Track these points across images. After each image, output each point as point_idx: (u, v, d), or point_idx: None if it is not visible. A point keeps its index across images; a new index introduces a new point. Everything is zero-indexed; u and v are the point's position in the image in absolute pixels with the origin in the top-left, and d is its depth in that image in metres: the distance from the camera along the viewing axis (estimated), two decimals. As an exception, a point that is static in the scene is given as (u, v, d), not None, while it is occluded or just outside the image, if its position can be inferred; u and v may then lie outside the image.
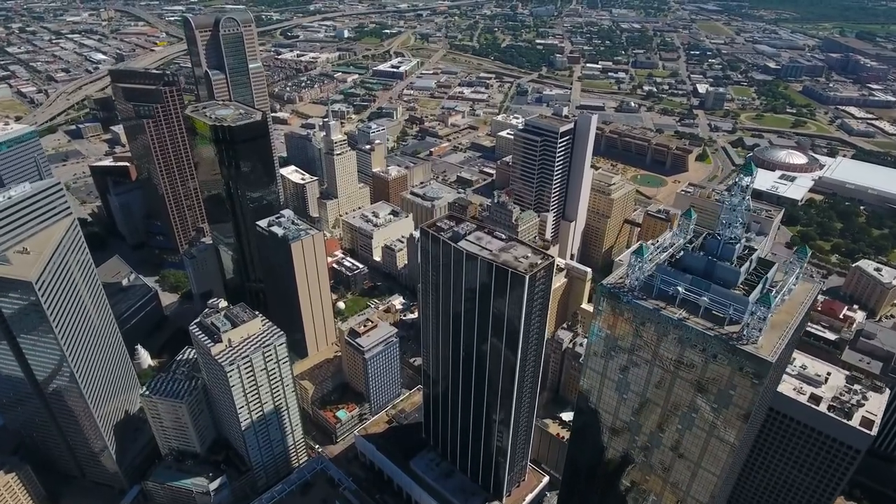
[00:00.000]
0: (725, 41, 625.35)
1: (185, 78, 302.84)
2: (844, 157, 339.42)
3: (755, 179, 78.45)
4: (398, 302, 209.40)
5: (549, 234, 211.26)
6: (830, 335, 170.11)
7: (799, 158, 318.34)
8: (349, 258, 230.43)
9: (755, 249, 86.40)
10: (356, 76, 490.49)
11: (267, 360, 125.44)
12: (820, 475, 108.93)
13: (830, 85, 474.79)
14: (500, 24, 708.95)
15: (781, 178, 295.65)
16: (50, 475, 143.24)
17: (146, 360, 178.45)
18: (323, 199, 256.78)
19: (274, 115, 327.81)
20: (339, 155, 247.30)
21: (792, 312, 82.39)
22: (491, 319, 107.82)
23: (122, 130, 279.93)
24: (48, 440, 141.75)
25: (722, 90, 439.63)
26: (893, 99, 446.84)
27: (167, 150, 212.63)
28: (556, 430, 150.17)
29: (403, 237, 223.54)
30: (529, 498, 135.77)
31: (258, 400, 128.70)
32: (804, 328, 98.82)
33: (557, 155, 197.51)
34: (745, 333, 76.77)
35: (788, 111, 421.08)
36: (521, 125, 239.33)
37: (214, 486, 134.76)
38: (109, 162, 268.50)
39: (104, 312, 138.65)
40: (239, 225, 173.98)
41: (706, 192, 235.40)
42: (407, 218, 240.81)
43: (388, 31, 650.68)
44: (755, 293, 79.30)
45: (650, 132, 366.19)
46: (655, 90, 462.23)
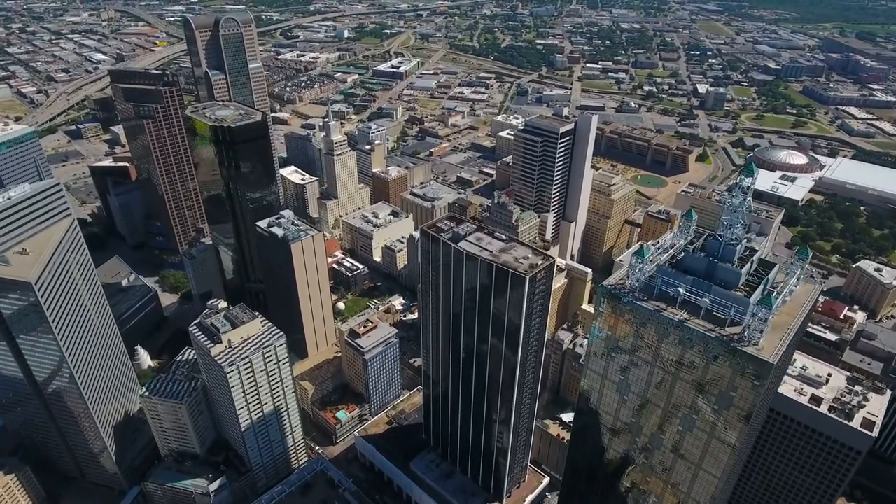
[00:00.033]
0: (725, 41, 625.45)
1: (184, 78, 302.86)
2: (845, 157, 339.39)
3: (756, 180, 78.33)
4: (398, 302, 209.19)
5: (549, 234, 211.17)
6: (831, 336, 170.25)
7: (799, 159, 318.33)
8: (349, 259, 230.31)
9: (756, 250, 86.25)
10: (356, 76, 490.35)
11: (267, 360, 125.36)
12: (821, 476, 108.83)
13: (831, 85, 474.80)
14: (500, 24, 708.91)
15: (782, 178, 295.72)
16: (49, 476, 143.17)
17: (146, 360, 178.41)
18: (323, 199, 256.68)
19: (274, 115, 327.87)
20: (339, 155, 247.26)
21: (793, 314, 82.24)
22: (491, 320, 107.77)
23: (121, 131, 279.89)
24: (48, 441, 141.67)
25: (722, 90, 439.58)
26: (894, 99, 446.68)
27: (167, 150, 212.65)
28: (556, 430, 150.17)
29: (403, 238, 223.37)
30: (530, 499, 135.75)
31: (258, 401, 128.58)
32: (805, 329, 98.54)
33: (558, 155, 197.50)
34: (746, 335, 76.62)
35: (789, 111, 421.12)
36: (521, 125, 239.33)
37: (214, 487, 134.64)
38: (109, 162, 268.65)
39: (104, 313, 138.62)
40: (239, 225, 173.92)
41: (706, 192, 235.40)
42: (407, 218, 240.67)
43: (388, 31, 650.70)
44: (756, 294, 79.14)
45: (650, 132, 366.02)
46: (655, 90, 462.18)
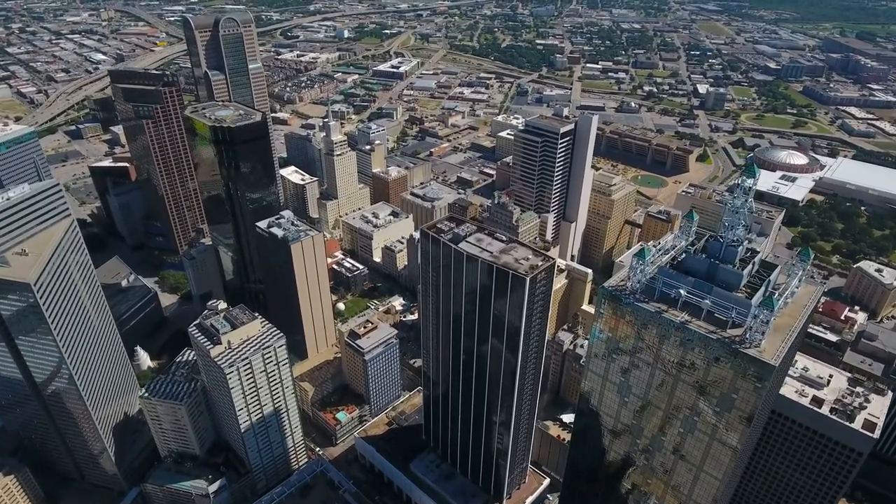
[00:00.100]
0: (725, 41, 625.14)
1: (184, 78, 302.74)
2: (845, 157, 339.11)
3: (758, 181, 78.05)
4: (398, 303, 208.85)
5: (549, 235, 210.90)
6: (832, 337, 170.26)
7: (799, 159, 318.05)
8: (349, 259, 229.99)
9: (758, 252, 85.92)
10: (356, 76, 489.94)
11: (266, 361, 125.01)
12: (822, 478, 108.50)
13: (831, 85, 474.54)
14: (500, 24, 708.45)
15: (782, 178, 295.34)
16: (49, 477, 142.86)
17: (145, 361, 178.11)
18: (323, 199, 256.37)
19: (274, 115, 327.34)
20: (339, 155, 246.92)
21: (795, 315, 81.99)
22: (491, 321, 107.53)
23: (121, 131, 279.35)
24: (47, 442, 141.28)
25: (722, 90, 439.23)
26: (894, 99, 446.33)
27: (167, 150, 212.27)
28: (556, 431, 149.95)
29: (403, 238, 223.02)
30: (530, 500, 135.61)
31: (258, 402, 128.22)
32: (806, 331, 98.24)
33: (558, 156, 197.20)
34: (747, 337, 76.40)
35: (789, 111, 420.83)
36: (521, 126, 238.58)
37: (214, 488, 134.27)
38: (109, 162, 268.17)
39: (103, 314, 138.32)
40: (239, 226, 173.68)
41: (707, 192, 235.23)
42: (407, 219, 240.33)
43: (388, 31, 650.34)
44: (758, 296, 78.79)
45: (650, 132, 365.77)
46: (656, 90, 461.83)
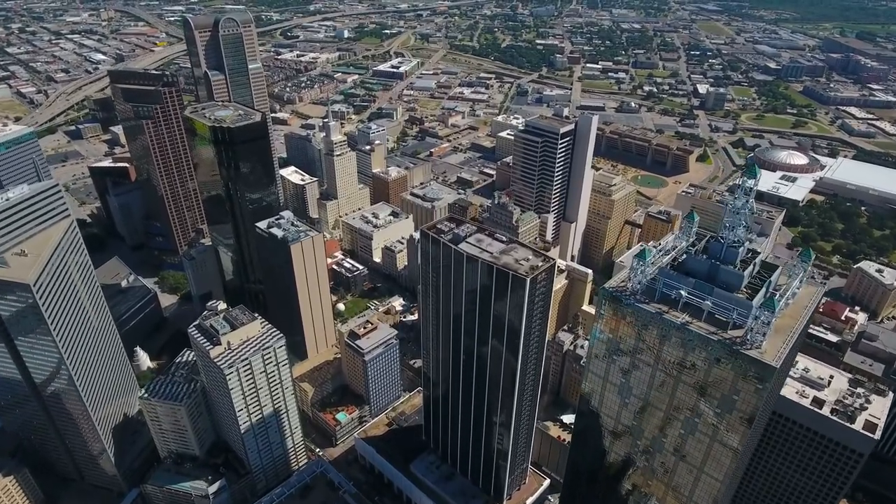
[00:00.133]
0: (725, 41, 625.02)
1: (184, 78, 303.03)
2: (845, 157, 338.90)
3: (758, 182, 77.80)
4: (398, 303, 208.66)
5: (549, 235, 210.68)
6: (832, 337, 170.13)
7: (800, 159, 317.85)
8: (349, 259, 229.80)
9: (758, 252, 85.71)
10: (356, 76, 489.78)
11: (266, 362, 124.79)
12: (823, 479, 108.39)
13: (831, 85, 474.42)
14: (500, 24, 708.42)
15: (782, 178, 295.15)
16: (48, 478, 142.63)
17: (145, 362, 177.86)
18: (323, 200, 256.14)
19: (274, 115, 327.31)
20: (338, 156, 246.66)
21: (796, 316, 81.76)
22: (491, 322, 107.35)
23: (121, 131, 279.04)
24: (46, 443, 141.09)
25: (722, 90, 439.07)
26: (894, 99, 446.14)
27: (166, 150, 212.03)
28: (557, 432, 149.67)
29: (403, 238, 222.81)
30: (530, 501, 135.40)
31: (257, 403, 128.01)
32: (807, 331, 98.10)
33: (558, 156, 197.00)
34: (748, 338, 76.18)
35: (789, 111, 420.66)
36: (521, 126, 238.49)
37: (213, 489, 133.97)
38: (109, 163, 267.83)
39: (103, 314, 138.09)
40: (238, 226, 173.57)
41: (707, 192, 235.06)
42: (407, 219, 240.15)
43: (388, 31, 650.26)
44: (759, 297, 78.64)
45: (651, 133, 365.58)
46: (656, 90, 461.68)
